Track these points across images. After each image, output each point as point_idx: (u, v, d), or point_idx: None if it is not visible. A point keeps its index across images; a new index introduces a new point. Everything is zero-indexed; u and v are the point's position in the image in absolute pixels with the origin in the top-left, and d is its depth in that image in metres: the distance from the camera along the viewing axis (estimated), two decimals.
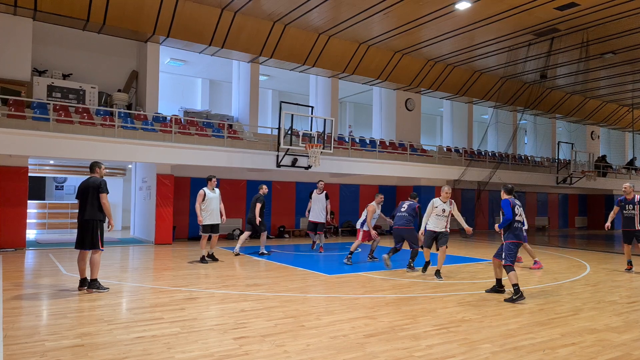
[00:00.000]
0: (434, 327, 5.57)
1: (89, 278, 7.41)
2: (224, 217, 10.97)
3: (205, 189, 10.76)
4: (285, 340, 4.97)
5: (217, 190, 10.91)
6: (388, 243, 15.90)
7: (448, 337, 5.18)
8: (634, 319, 6.18)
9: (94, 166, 7.82)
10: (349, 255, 10.81)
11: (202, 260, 10.68)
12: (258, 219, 11.96)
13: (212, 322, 5.60)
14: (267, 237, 17.52)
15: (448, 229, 9.24)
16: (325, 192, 13.31)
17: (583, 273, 10.12)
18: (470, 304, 6.85)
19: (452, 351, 4.71)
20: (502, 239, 7.42)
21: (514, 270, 7.18)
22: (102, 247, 7.55)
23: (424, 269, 9.60)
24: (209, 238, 10.91)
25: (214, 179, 10.91)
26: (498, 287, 7.68)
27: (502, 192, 7.71)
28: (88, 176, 7.78)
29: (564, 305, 6.91)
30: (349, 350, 4.67)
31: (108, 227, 7.69)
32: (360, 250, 12.73)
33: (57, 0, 13.54)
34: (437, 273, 8.98)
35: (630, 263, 10.67)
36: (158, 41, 15.81)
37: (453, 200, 9.45)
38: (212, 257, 10.92)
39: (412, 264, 9.93)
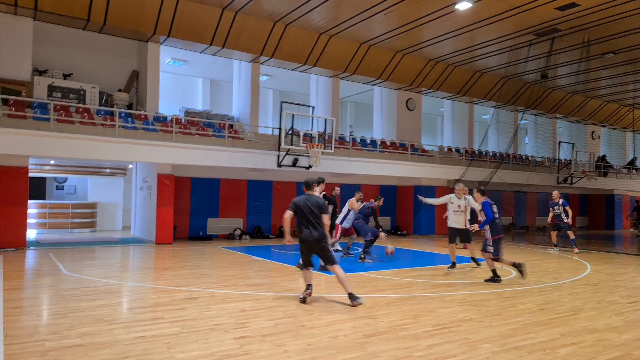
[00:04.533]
0: (434, 327, 5.57)
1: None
2: None
3: None
4: (285, 340, 4.97)
5: None
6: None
7: (448, 337, 5.18)
8: (634, 319, 6.18)
9: (315, 183, 7.25)
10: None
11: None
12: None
13: (213, 322, 5.60)
14: (268, 237, 17.56)
15: (468, 226, 10.19)
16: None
17: (583, 273, 10.11)
18: (470, 304, 6.85)
19: (452, 351, 4.71)
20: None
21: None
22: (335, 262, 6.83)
23: (452, 267, 10.11)
24: None
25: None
26: (495, 277, 8.72)
27: (477, 194, 8.93)
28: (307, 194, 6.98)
29: (564, 305, 6.90)
30: (349, 350, 4.67)
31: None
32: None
33: (58, 0, 13.55)
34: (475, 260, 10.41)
35: (554, 244, 14.74)
36: (159, 41, 15.82)
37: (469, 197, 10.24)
38: None
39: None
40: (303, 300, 6.69)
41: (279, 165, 15.68)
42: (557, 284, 8.66)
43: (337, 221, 11.73)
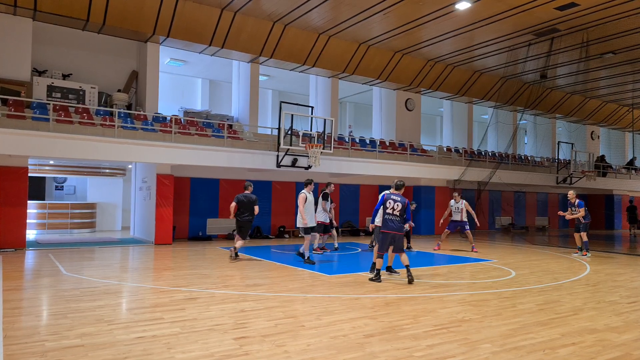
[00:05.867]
0: (434, 327, 5.57)
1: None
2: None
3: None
4: (285, 340, 4.97)
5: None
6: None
7: (448, 337, 5.18)
8: (634, 319, 6.18)
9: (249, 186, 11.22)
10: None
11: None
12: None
13: (213, 322, 5.60)
14: (267, 237, 17.56)
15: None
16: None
17: (583, 273, 10.12)
18: (470, 304, 6.85)
19: (452, 351, 4.71)
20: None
21: (381, 258, 8.54)
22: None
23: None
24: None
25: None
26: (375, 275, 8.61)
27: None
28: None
29: (564, 305, 6.91)
30: (349, 350, 4.67)
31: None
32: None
33: (57, 0, 13.54)
34: (389, 269, 9.37)
35: (578, 249, 13.69)
36: (158, 41, 15.81)
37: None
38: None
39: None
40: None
41: (278, 166, 15.67)
42: (556, 284, 8.66)
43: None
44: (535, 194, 26.69)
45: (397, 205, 8.46)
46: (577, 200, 13.49)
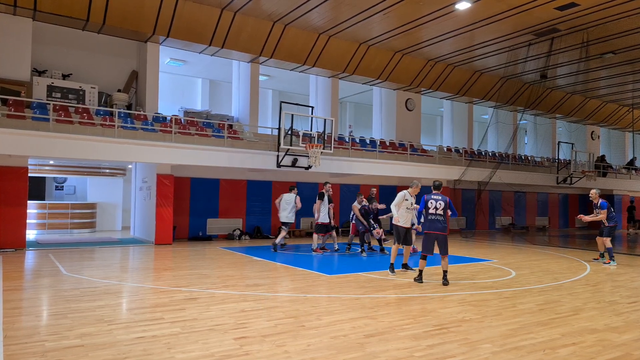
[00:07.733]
0: (434, 327, 5.57)
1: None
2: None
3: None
4: (285, 340, 4.97)
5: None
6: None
7: (448, 337, 5.18)
8: (634, 319, 6.18)
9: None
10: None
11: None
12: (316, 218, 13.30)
13: (213, 322, 5.60)
14: (267, 237, 17.54)
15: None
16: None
17: (583, 273, 10.12)
18: (470, 304, 6.85)
19: (452, 351, 4.71)
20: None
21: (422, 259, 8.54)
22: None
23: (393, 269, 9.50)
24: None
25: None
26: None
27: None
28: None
29: (564, 305, 6.90)
30: (349, 350, 4.67)
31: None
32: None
33: (57, 0, 13.54)
34: (405, 266, 9.71)
35: (600, 254, 12.30)
36: (158, 41, 15.81)
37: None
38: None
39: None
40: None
41: (279, 166, 15.67)
42: (557, 284, 8.66)
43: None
44: (535, 194, 26.69)
45: (440, 204, 8.55)
46: (600, 201, 12.16)
